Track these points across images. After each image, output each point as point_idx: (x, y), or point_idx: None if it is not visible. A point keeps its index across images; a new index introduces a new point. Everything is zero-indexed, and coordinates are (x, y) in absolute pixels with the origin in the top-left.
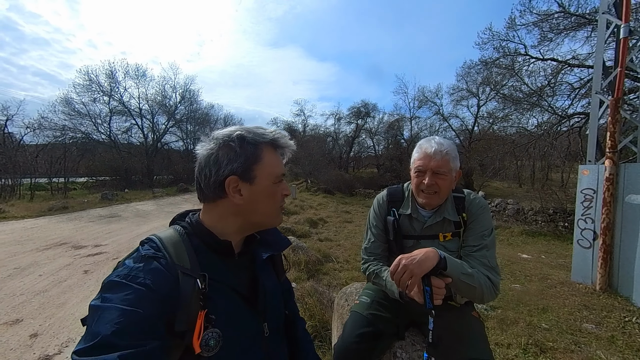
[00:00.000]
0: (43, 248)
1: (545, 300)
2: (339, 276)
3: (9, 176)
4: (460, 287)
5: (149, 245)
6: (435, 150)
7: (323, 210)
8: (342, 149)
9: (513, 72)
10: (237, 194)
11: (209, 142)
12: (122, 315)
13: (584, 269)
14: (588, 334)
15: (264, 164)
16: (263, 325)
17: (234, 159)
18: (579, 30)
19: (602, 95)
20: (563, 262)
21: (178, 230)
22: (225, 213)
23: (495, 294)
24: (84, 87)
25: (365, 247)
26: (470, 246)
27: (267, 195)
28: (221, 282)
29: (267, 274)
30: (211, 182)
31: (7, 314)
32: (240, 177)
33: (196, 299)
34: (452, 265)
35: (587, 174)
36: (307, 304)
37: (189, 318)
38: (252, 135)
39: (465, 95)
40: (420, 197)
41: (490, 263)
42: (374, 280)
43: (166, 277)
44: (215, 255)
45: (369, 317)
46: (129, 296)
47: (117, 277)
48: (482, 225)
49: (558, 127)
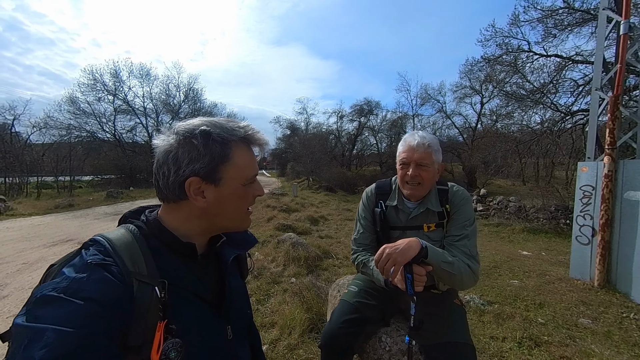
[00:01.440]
0: (50, 244)
1: (543, 295)
2: (338, 272)
3: (16, 175)
4: (441, 274)
5: (96, 250)
6: (418, 143)
7: (324, 208)
8: (345, 147)
9: (516, 69)
10: (199, 197)
11: (168, 135)
12: (61, 338)
13: (583, 265)
14: (584, 329)
15: (233, 164)
16: (227, 328)
17: (196, 158)
18: (583, 26)
19: (601, 92)
20: (563, 259)
21: (131, 230)
22: (188, 215)
23: (474, 280)
24: (89, 87)
25: (355, 238)
26: (452, 236)
27: (236, 198)
28: (183, 288)
29: (232, 274)
30: (170, 182)
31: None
32: (204, 178)
33: (155, 309)
34: (433, 253)
35: (586, 171)
36: (304, 298)
37: (146, 330)
38: (220, 132)
39: (469, 93)
40: (405, 189)
41: (470, 252)
42: (362, 270)
43: (117, 288)
44: (177, 257)
45: (355, 305)
46: (71, 315)
47: (53, 291)
48: (464, 215)
49: (561, 124)
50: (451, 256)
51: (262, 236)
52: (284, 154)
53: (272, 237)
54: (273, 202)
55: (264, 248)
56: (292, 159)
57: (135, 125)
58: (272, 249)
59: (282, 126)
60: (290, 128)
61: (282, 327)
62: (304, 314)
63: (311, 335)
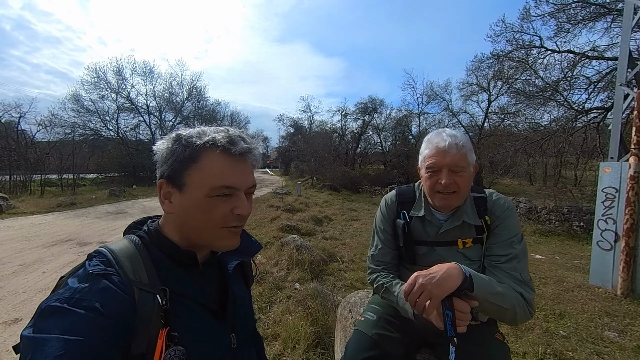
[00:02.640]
0: (49, 244)
1: (562, 305)
2: (344, 277)
3: (20, 172)
4: (489, 309)
5: (98, 260)
6: (450, 143)
7: (328, 208)
8: (349, 146)
9: (527, 66)
10: (167, 201)
11: (165, 139)
12: (64, 347)
13: (604, 272)
14: (610, 343)
15: (199, 170)
16: (231, 337)
17: (165, 160)
18: (598, 21)
19: (627, 88)
20: (579, 263)
21: (134, 240)
22: (174, 223)
23: (530, 314)
24: (92, 84)
25: (372, 255)
26: (497, 256)
27: (198, 210)
28: (185, 297)
29: (236, 282)
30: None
31: (7, 312)
32: (168, 181)
33: (157, 317)
34: (479, 284)
35: (608, 172)
36: (310, 308)
37: (149, 338)
38: (193, 134)
39: (476, 90)
40: (436, 200)
41: (522, 277)
42: (383, 295)
43: (119, 297)
44: (178, 266)
45: (374, 338)
46: (74, 324)
47: (57, 302)
48: (510, 230)
49: (574, 122)
50: (500, 284)
51: (265, 237)
52: (287, 152)
53: (276, 239)
54: (277, 202)
55: (267, 250)
56: (296, 157)
57: (138, 123)
58: (275, 251)
59: (285, 124)
60: (294, 126)
61: (285, 340)
62: (308, 327)
63: (317, 350)
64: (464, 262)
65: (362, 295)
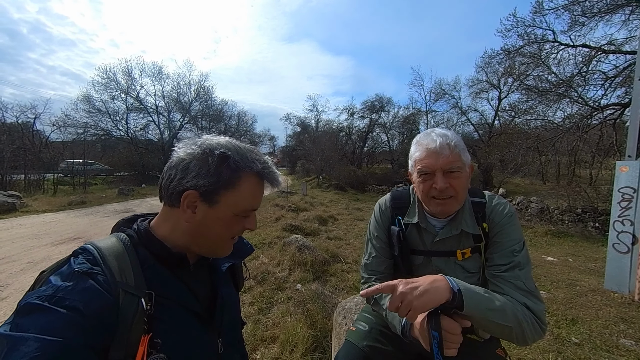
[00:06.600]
0: (57, 242)
1: (575, 310)
2: (347, 278)
3: (34, 172)
4: (489, 328)
5: (84, 258)
6: (441, 144)
7: (334, 208)
8: (355, 144)
9: (539, 61)
10: (189, 210)
11: (191, 144)
12: (41, 348)
13: (620, 276)
14: (627, 352)
15: (236, 193)
16: (217, 342)
17: (204, 175)
18: (615, 13)
19: None
20: (593, 266)
21: (122, 239)
22: (176, 225)
23: (542, 330)
24: (103, 85)
25: (366, 263)
26: (498, 265)
27: (222, 223)
28: (171, 300)
29: (226, 284)
30: (170, 186)
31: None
32: (202, 195)
33: (139, 321)
34: (473, 300)
35: (626, 171)
36: (308, 311)
37: (129, 344)
38: (238, 159)
39: (485, 88)
40: (432, 206)
41: (526, 286)
42: (374, 307)
43: (102, 298)
44: (166, 268)
45: (365, 350)
46: (53, 324)
47: (37, 300)
48: (511, 237)
49: (589, 119)
50: (499, 298)
51: (268, 237)
52: (294, 151)
53: (279, 239)
54: (282, 201)
55: (270, 250)
56: (302, 156)
57: (147, 123)
58: (277, 251)
59: (292, 123)
60: (301, 125)
61: (283, 343)
62: (307, 330)
63: (314, 355)
64: (462, 274)
65: (358, 302)
